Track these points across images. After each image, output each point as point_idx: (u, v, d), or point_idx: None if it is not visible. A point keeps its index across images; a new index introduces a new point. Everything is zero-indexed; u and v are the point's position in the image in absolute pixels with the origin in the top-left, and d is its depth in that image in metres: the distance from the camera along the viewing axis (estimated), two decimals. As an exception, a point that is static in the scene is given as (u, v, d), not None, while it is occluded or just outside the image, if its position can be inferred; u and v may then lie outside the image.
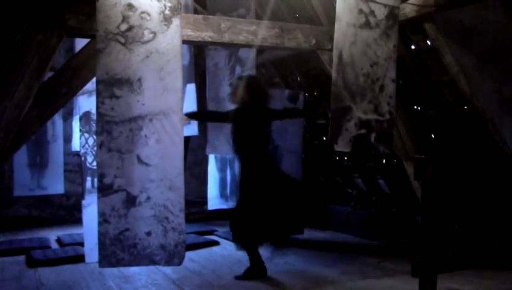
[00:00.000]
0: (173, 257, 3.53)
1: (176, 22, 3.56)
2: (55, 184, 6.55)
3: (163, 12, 3.53)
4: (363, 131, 4.47)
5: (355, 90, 4.43)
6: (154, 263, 3.55)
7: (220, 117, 5.27)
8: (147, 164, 3.48)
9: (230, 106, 6.23)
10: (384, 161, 7.00)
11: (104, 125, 3.40)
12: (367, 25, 4.42)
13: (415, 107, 6.08)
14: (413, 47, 5.53)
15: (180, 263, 3.60)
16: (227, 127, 6.16)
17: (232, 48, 6.11)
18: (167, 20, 3.54)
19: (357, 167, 7.40)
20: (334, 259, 5.71)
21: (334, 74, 4.43)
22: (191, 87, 6.43)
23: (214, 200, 7.06)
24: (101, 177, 3.40)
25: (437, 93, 5.54)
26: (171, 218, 3.51)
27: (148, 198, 3.48)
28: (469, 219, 5.85)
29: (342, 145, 4.45)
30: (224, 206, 7.21)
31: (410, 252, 5.77)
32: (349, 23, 4.39)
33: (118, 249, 3.41)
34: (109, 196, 3.40)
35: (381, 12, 4.45)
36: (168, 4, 3.54)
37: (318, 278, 4.94)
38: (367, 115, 4.47)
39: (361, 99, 4.45)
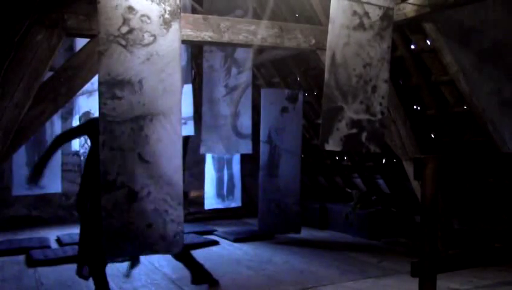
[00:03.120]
0: (172, 246, 3.66)
1: (175, 25, 3.61)
2: (53, 183, 6.55)
3: (163, 16, 3.58)
4: (354, 130, 4.52)
5: (347, 90, 4.47)
6: (155, 252, 3.68)
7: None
8: (147, 162, 3.57)
9: (225, 108, 6.27)
10: (384, 160, 7.01)
11: (106, 125, 3.47)
12: (361, 26, 4.44)
13: (415, 107, 6.08)
14: (413, 47, 5.53)
15: (179, 251, 3.76)
16: (222, 128, 6.19)
17: (227, 49, 6.12)
18: (167, 24, 3.59)
19: (356, 166, 7.41)
20: (333, 259, 5.71)
21: (326, 75, 4.46)
22: (188, 88, 6.44)
23: (211, 200, 7.09)
24: (104, 174, 3.49)
25: (437, 93, 5.54)
26: (170, 211, 3.63)
27: (149, 193, 3.59)
28: (469, 218, 5.85)
29: (332, 145, 4.50)
30: (221, 206, 7.24)
31: (410, 251, 5.79)
32: (343, 25, 4.42)
33: (121, 241, 3.53)
34: (112, 192, 3.49)
35: (375, 14, 4.47)
36: (168, 8, 3.59)
37: (318, 278, 4.94)
38: (358, 115, 4.52)
39: (353, 99, 4.50)
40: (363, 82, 4.51)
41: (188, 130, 6.48)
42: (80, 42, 4.78)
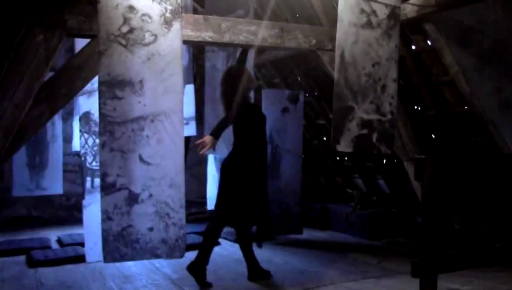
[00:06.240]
0: (174, 251, 3.63)
1: (176, 25, 3.60)
2: (55, 185, 6.54)
3: (164, 15, 3.56)
4: (365, 131, 4.46)
5: (357, 90, 4.42)
6: (156, 256, 3.64)
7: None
8: (148, 163, 3.54)
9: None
10: (384, 161, 7.00)
11: (106, 126, 3.45)
12: (369, 24, 4.41)
13: (415, 107, 6.09)
14: (413, 47, 5.53)
15: (181, 256, 3.70)
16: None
17: (229, 49, 6.11)
18: (168, 23, 3.57)
19: (357, 167, 7.41)
20: (334, 259, 5.71)
21: (336, 74, 4.41)
22: (190, 88, 6.44)
23: (213, 200, 7.05)
24: (104, 176, 3.46)
25: (437, 94, 5.54)
26: (172, 214, 3.61)
27: (150, 195, 3.56)
28: (469, 219, 5.85)
29: (344, 146, 4.44)
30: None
31: (410, 252, 5.79)
32: (351, 23, 4.38)
33: (121, 245, 3.51)
34: (112, 194, 3.47)
35: (382, 12, 4.45)
36: (169, 7, 3.57)
37: (318, 278, 4.94)
38: (369, 115, 4.46)
39: (363, 99, 4.44)
40: (373, 81, 4.46)
41: (190, 130, 6.48)
42: (80, 43, 4.77)
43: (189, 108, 6.30)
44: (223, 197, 4.79)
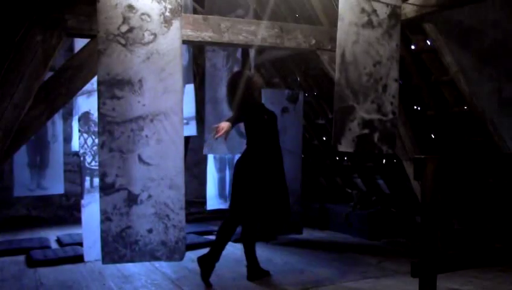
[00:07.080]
0: (174, 253, 3.61)
1: (176, 24, 3.59)
2: (56, 184, 6.54)
3: (163, 14, 3.56)
4: (366, 131, 4.45)
5: (358, 89, 4.40)
6: (156, 258, 3.63)
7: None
8: (148, 164, 3.53)
9: (227, 108, 6.28)
10: (384, 161, 7.00)
11: (105, 126, 3.44)
12: (369, 24, 4.40)
13: (415, 107, 6.08)
14: (413, 47, 5.53)
15: (181, 259, 3.67)
16: None
17: (230, 49, 6.10)
18: (167, 22, 3.56)
19: (356, 167, 7.40)
20: (333, 259, 5.71)
21: (337, 73, 4.39)
22: (190, 88, 6.45)
23: (213, 200, 7.07)
24: (102, 176, 3.45)
25: (437, 94, 5.54)
26: (172, 215, 3.59)
27: (149, 196, 3.54)
28: (469, 218, 5.85)
29: (345, 145, 4.43)
30: (223, 207, 7.21)
31: (410, 252, 5.78)
32: (352, 22, 4.37)
33: (120, 246, 3.49)
34: (111, 195, 3.46)
35: (383, 12, 4.44)
36: (168, 6, 3.57)
37: (318, 278, 4.94)
38: (370, 114, 4.45)
39: (364, 98, 4.42)
40: (374, 81, 4.44)
41: (190, 130, 6.48)
42: (80, 42, 4.77)
43: (189, 108, 6.30)
44: (237, 196, 4.80)
